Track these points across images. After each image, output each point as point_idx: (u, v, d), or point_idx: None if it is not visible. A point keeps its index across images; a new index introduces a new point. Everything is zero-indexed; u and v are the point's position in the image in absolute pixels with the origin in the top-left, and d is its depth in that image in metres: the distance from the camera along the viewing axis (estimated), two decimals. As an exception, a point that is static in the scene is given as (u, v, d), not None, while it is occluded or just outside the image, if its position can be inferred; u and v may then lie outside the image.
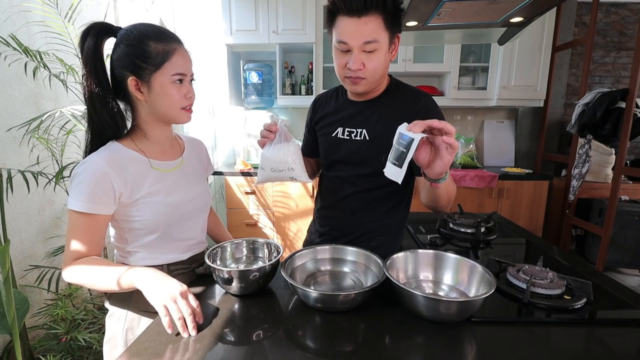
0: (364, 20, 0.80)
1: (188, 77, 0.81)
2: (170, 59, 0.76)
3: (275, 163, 0.93)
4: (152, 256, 0.84)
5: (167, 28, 0.81)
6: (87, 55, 0.75)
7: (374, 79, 0.89)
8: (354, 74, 0.87)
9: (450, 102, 2.60)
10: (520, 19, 0.91)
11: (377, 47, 0.83)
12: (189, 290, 0.68)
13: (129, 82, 0.76)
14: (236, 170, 2.50)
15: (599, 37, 2.91)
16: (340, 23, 0.84)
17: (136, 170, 0.79)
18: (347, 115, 1.00)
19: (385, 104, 0.97)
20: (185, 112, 0.82)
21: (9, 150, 1.46)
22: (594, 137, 2.31)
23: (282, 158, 0.93)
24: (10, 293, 0.93)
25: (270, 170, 0.94)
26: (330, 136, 1.02)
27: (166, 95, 0.77)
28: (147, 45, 0.74)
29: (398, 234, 1.06)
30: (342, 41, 0.84)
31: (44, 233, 1.64)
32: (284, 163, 0.93)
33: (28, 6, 1.47)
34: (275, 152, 0.93)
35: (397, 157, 0.71)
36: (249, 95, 2.59)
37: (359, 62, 0.84)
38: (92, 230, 0.74)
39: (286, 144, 0.93)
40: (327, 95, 1.09)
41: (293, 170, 0.93)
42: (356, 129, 0.97)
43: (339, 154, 1.00)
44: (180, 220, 0.85)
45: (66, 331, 1.35)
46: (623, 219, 2.30)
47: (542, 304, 0.73)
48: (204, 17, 2.71)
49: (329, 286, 0.82)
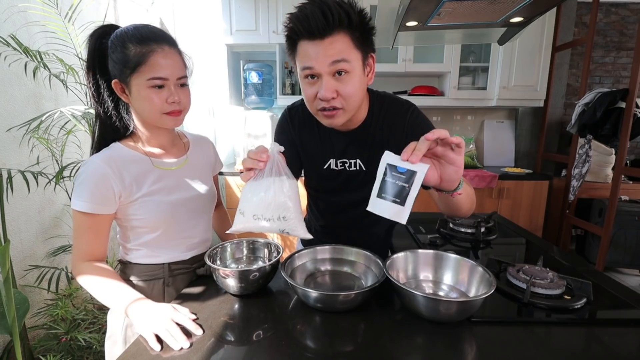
0: (328, 41, 0.70)
1: (172, 80, 0.75)
2: (147, 62, 0.73)
3: (260, 208, 0.66)
4: (153, 254, 0.84)
5: (158, 28, 0.78)
6: (89, 57, 0.77)
7: (352, 107, 0.77)
8: (327, 104, 0.74)
9: (450, 102, 2.60)
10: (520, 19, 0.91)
11: (348, 68, 0.72)
12: (180, 306, 0.68)
13: (114, 85, 0.77)
14: (236, 170, 2.49)
15: (599, 37, 2.91)
16: (302, 49, 0.73)
17: (137, 169, 0.79)
18: (337, 148, 0.91)
19: (374, 127, 0.88)
20: (169, 117, 0.77)
21: (9, 150, 1.46)
22: (594, 137, 2.31)
23: (271, 201, 0.66)
24: (10, 293, 0.93)
25: (253, 217, 0.67)
26: (321, 168, 0.93)
27: (144, 100, 0.75)
28: (126, 48, 0.73)
29: None
30: (307, 67, 0.72)
31: (44, 233, 1.64)
32: (274, 209, 0.67)
33: (28, 6, 1.47)
34: (262, 191, 0.66)
35: (397, 193, 0.59)
36: (249, 95, 2.59)
37: (330, 89, 0.72)
38: (95, 229, 0.76)
39: (279, 181, 0.68)
40: (299, 114, 0.94)
41: (285, 221, 0.67)
42: (349, 159, 0.91)
43: (334, 184, 0.95)
44: (183, 219, 0.85)
45: (66, 331, 1.35)
46: (623, 219, 2.30)
47: (542, 304, 0.73)
48: (204, 17, 2.71)
49: (329, 286, 0.82)
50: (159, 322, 0.63)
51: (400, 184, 0.59)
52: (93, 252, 0.77)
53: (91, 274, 0.75)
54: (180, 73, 0.77)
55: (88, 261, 0.77)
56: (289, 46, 0.77)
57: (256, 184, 0.67)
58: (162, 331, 0.62)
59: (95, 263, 0.77)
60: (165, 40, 0.76)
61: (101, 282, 0.75)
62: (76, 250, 0.77)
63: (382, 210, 0.59)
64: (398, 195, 0.59)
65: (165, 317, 0.65)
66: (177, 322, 0.64)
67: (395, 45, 1.11)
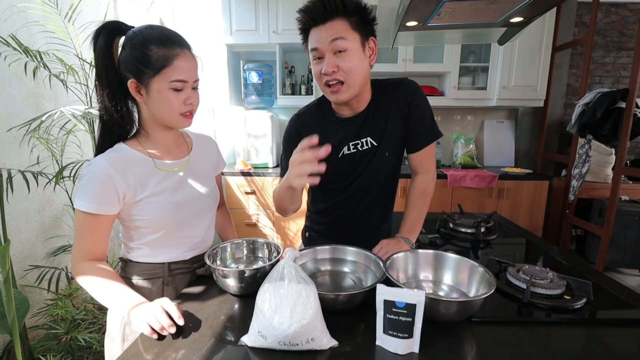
0: (329, 25, 0.83)
1: (190, 83, 0.79)
2: (171, 65, 0.75)
3: (287, 335, 0.57)
4: (154, 253, 0.85)
5: (176, 32, 0.80)
6: (98, 55, 0.76)
7: (353, 82, 0.87)
8: (330, 78, 0.86)
9: (450, 102, 2.60)
10: (520, 19, 0.91)
11: (346, 45, 0.83)
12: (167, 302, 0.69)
13: (129, 84, 0.77)
14: (236, 170, 2.50)
15: (599, 37, 2.91)
16: (310, 35, 0.87)
17: (140, 171, 0.80)
18: (350, 133, 0.98)
19: (379, 105, 0.97)
20: (184, 118, 0.81)
21: (9, 150, 1.46)
22: (594, 137, 2.31)
23: (298, 322, 0.57)
24: (10, 293, 0.93)
25: (278, 343, 0.59)
26: (337, 158, 0.99)
27: (164, 101, 0.77)
28: (149, 50, 0.74)
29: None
30: (314, 48, 0.86)
31: (44, 233, 1.64)
32: (303, 333, 0.58)
33: (28, 6, 1.47)
34: (287, 312, 0.58)
35: (404, 329, 0.58)
36: (249, 95, 2.59)
37: (331, 64, 0.84)
38: (97, 229, 0.77)
39: (297, 292, 0.59)
40: (310, 116, 1.03)
41: (313, 341, 0.59)
42: (360, 139, 0.98)
43: (349, 168, 1.00)
44: (185, 219, 0.86)
45: (66, 331, 1.35)
46: (623, 219, 2.30)
47: (542, 304, 0.73)
48: (204, 17, 2.71)
49: (329, 286, 0.82)
50: (150, 311, 0.66)
51: (404, 319, 0.59)
52: (94, 252, 0.78)
53: (92, 275, 0.75)
54: (196, 76, 0.81)
55: (88, 261, 0.77)
56: (303, 37, 0.90)
57: (275, 300, 0.59)
58: (150, 317, 0.64)
59: (96, 263, 0.77)
60: (186, 44, 0.80)
61: (102, 284, 0.75)
62: (77, 249, 0.77)
63: (394, 347, 0.59)
64: (406, 331, 0.59)
65: (155, 305, 0.67)
66: (165, 309, 0.66)
67: (395, 45, 1.12)
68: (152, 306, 0.67)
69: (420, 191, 1.03)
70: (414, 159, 1.03)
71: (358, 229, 1.07)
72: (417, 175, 1.05)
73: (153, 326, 0.64)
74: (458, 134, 2.84)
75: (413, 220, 1.01)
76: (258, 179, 2.47)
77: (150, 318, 0.64)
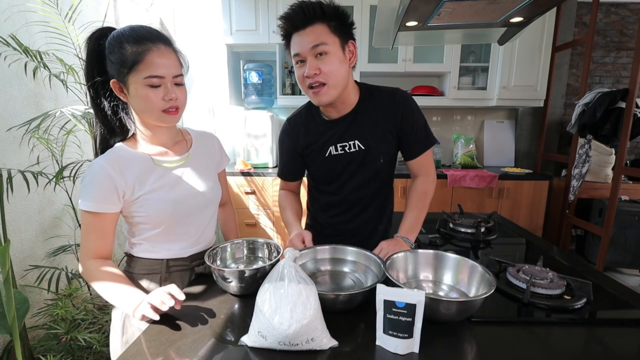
0: (308, 30, 0.87)
1: (168, 78, 0.76)
2: (143, 61, 0.74)
3: (287, 335, 0.58)
4: (153, 249, 0.86)
5: (154, 28, 0.79)
6: (88, 59, 0.78)
7: (335, 83, 0.90)
8: (312, 80, 0.89)
9: (450, 102, 2.60)
10: (520, 19, 0.91)
11: (326, 49, 0.87)
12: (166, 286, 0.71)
13: (112, 85, 0.78)
14: (236, 170, 2.50)
15: (599, 37, 2.91)
16: (292, 40, 0.90)
17: (139, 168, 0.81)
18: (335, 134, 1.01)
19: (366, 109, 1.00)
20: (168, 114, 0.79)
21: (9, 150, 1.46)
22: (594, 137, 2.31)
23: (298, 322, 0.58)
24: (10, 293, 0.93)
25: (278, 343, 0.59)
26: (324, 157, 1.03)
27: (142, 98, 0.76)
28: (123, 48, 0.75)
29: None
30: (296, 54, 0.90)
31: (44, 233, 1.64)
32: (303, 333, 0.58)
33: (28, 6, 1.47)
34: (287, 312, 0.58)
35: (404, 329, 0.59)
36: (249, 95, 2.59)
37: (313, 67, 0.88)
38: (101, 227, 0.79)
39: (297, 292, 0.60)
40: (300, 118, 1.07)
41: (313, 341, 0.59)
42: (348, 141, 1.00)
43: (338, 168, 1.04)
44: (185, 216, 0.86)
45: (66, 331, 1.35)
46: (623, 219, 2.30)
47: (542, 304, 0.73)
48: (204, 17, 2.71)
49: (329, 286, 0.82)
50: (152, 295, 0.70)
51: (404, 319, 0.59)
52: (99, 250, 0.80)
53: (98, 274, 0.78)
54: (176, 71, 0.79)
55: (95, 259, 0.79)
56: (285, 43, 0.93)
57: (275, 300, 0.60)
58: (153, 298, 0.68)
59: (102, 262, 0.79)
60: (161, 39, 0.78)
61: (108, 283, 0.77)
62: (84, 248, 0.80)
63: (394, 347, 0.60)
64: (406, 331, 0.59)
65: (157, 290, 0.71)
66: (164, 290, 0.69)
67: (395, 45, 1.11)
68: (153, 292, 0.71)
69: (421, 193, 1.04)
70: (412, 165, 1.06)
71: (355, 230, 1.09)
72: (418, 178, 1.06)
73: (152, 302, 0.66)
74: (458, 134, 2.84)
75: (413, 220, 1.01)
76: (258, 179, 2.47)
77: (148, 297, 0.69)
